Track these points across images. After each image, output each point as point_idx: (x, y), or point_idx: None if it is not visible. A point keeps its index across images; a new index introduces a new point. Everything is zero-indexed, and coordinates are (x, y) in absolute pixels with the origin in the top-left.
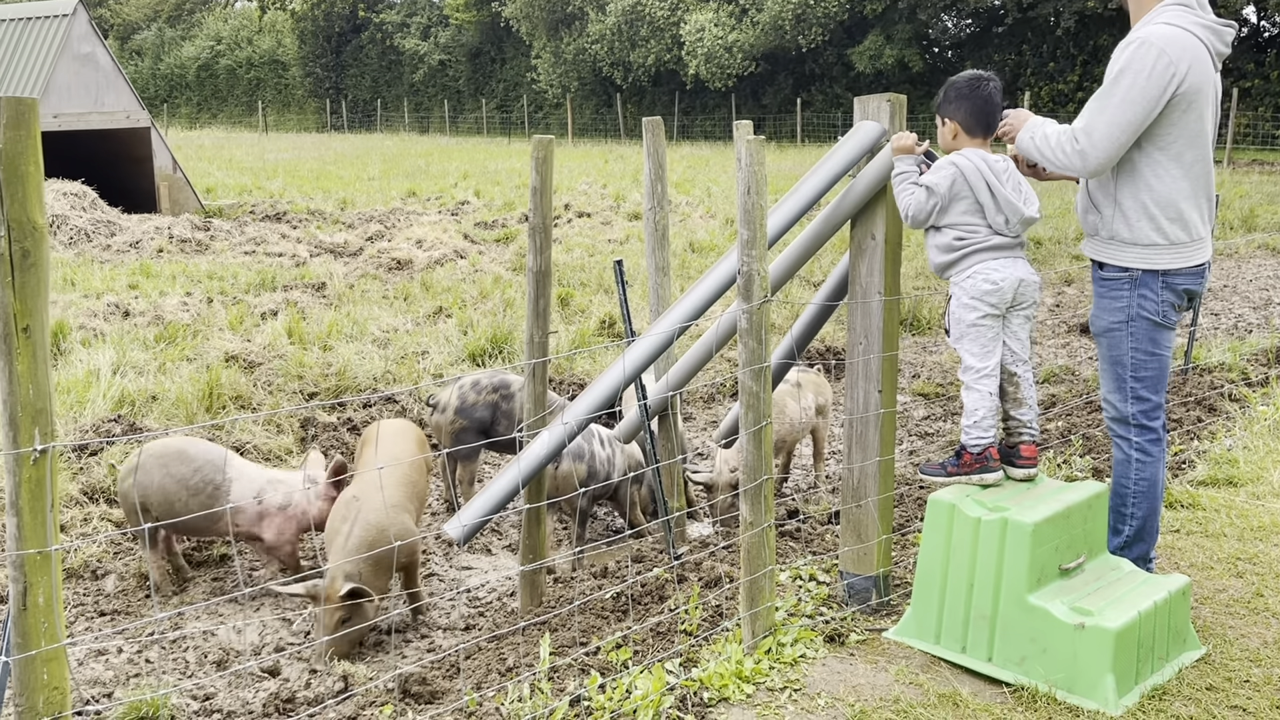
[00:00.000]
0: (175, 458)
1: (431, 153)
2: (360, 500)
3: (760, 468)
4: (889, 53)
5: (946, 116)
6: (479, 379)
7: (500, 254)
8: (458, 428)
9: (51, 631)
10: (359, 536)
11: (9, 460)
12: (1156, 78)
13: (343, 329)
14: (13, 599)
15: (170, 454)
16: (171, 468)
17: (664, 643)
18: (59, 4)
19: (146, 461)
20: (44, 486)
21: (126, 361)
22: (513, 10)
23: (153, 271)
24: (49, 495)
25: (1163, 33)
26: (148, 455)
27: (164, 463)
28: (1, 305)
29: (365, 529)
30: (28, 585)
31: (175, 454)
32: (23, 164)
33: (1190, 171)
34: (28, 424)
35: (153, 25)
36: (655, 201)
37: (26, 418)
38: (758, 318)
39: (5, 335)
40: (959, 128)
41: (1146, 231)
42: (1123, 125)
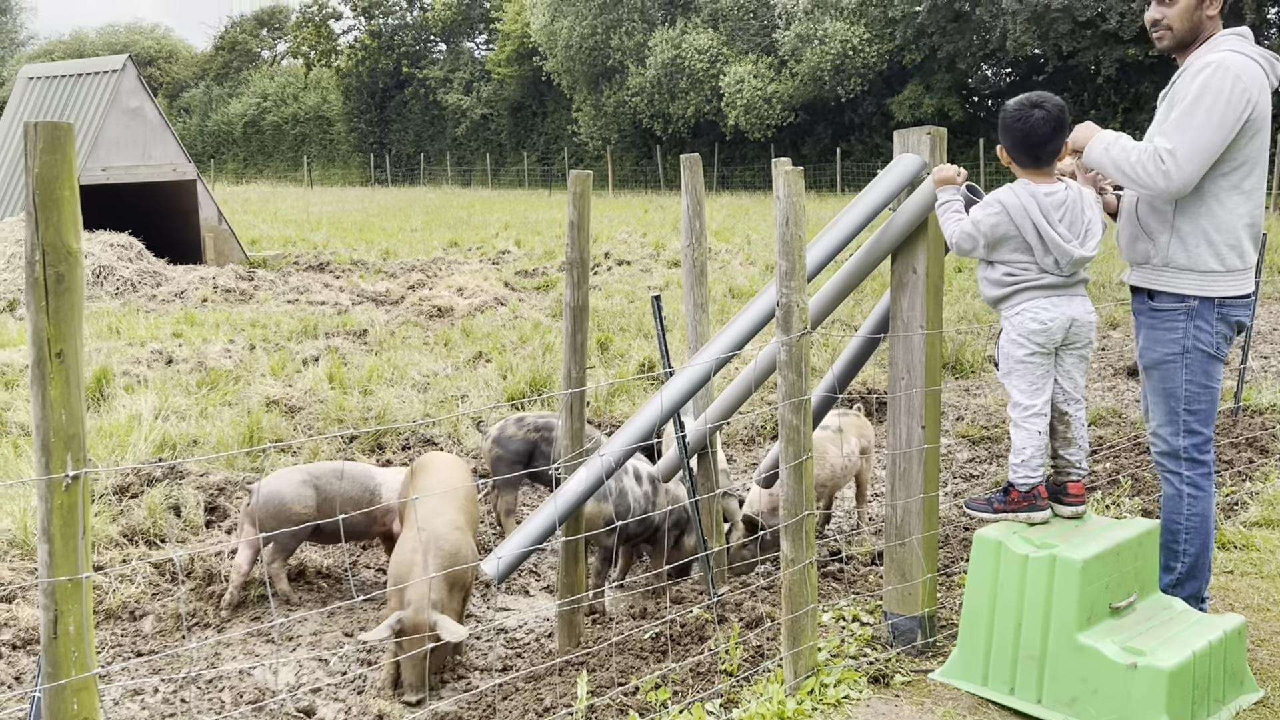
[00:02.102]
0: (331, 475)
1: (473, 204)
2: (425, 530)
3: (801, 503)
4: (928, 102)
5: (1000, 144)
6: (526, 416)
7: (540, 301)
8: (493, 456)
9: (82, 660)
10: (436, 564)
11: (41, 486)
12: (1235, 102)
13: (383, 374)
14: (44, 627)
15: (325, 473)
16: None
17: (704, 683)
18: (110, 61)
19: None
20: (76, 513)
21: (168, 406)
22: (554, 64)
23: (197, 320)
24: (81, 522)
25: (1233, 58)
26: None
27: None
28: (35, 330)
29: (440, 555)
30: (58, 613)
31: (331, 472)
32: (58, 188)
33: (1250, 198)
34: (60, 450)
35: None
36: (693, 238)
37: (59, 443)
38: (797, 350)
39: (39, 360)
40: (1010, 158)
41: (1204, 258)
42: (1204, 148)
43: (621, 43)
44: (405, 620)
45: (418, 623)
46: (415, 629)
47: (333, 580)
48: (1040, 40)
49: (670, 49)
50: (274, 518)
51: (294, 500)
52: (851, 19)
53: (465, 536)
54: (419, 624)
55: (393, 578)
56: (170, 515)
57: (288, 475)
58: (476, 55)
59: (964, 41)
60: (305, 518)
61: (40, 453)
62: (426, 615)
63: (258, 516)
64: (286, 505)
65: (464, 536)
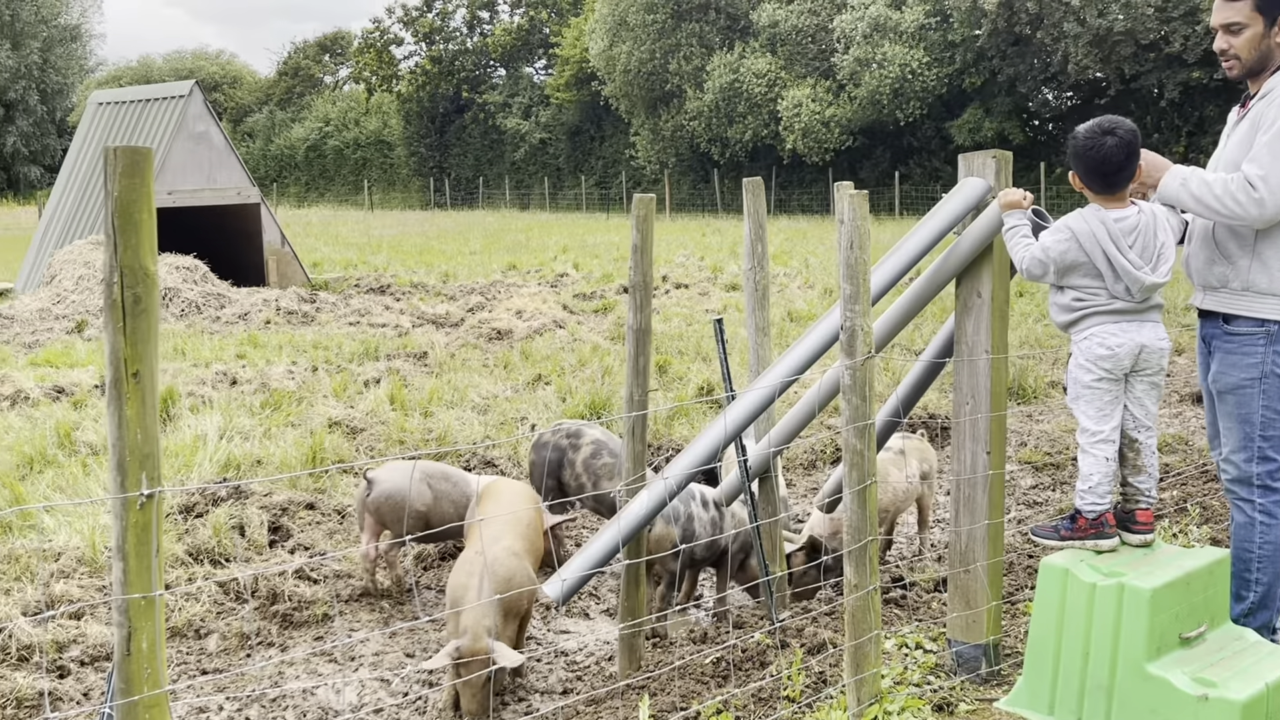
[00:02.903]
0: (440, 476)
1: (532, 228)
2: (484, 554)
3: (865, 528)
4: (988, 125)
5: (1071, 170)
6: (564, 423)
7: (598, 324)
8: (531, 460)
9: (154, 677)
10: (491, 588)
11: (116, 505)
12: None
13: (443, 396)
14: (117, 644)
15: (435, 473)
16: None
17: (765, 709)
18: (177, 86)
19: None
20: (150, 531)
21: (233, 427)
22: (612, 89)
23: (260, 342)
24: (154, 540)
25: None
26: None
27: (436, 481)
28: (113, 350)
29: (496, 581)
30: (132, 630)
31: (440, 473)
32: (136, 211)
33: None
34: (135, 469)
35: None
36: (755, 261)
37: (134, 462)
38: (861, 374)
39: (116, 380)
40: (1081, 184)
41: None
42: None
43: (680, 67)
44: (463, 648)
45: (475, 650)
46: (472, 656)
47: (394, 600)
48: (1102, 63)
49: (728, 73)
50: (393, 510)
51: (415, 497)
52: (911, 42)
53: (521, 563)
54: (476, 651)
55: (449, 600)
56: (235, 535)
57: (405, 470)
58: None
59: (1024, 65)
60: (420, 513)
61: (115, 471)
62: (483, 642)
63: (379, 508)
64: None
65: (520, 563)
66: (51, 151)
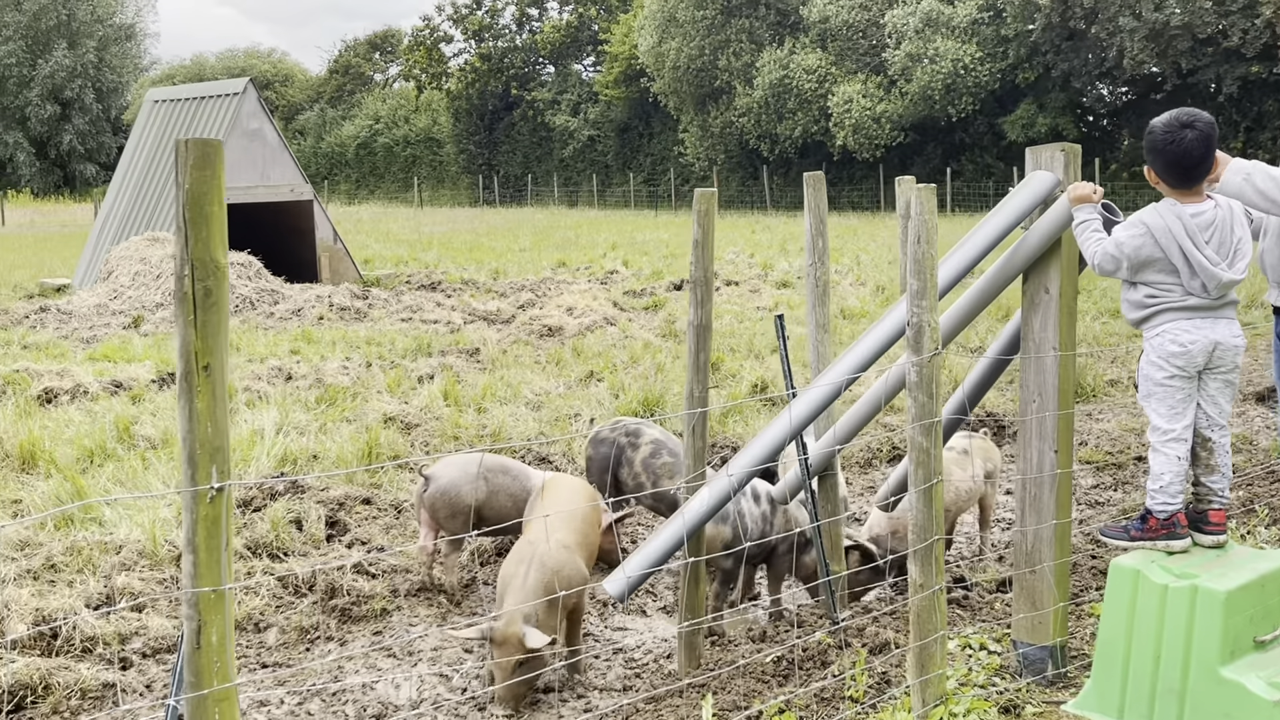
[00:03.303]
0: (498, 470)
1: (581, 225)
2: (535, 544)
3: (930, 528)
4: (1042, 121)
5: (1147, 164)
6: (622, 420)
7: (649, 321)
8: (587, 456)
9: (224, 671)
10: (536, 578)
11: (186, 498)
12: None
13: (496, 392)
14: (186, 637)
15: (493, 467)
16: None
17: (828, 709)
18: (231, 84)
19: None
20: (220, 524)
21: (289, 422)
22: (661, 86)
23: (314, 337)
24: (224, 533)
25: None
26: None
27: (495, 475)
28: (184, 343)
29: (542, 570)
30: (202, 623)
31: (498, 467)
32: (207, 204)
33: None
34: (205, 462)
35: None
36: (816, 257)
37: (205, 455)
38: (928, 371)
39: (186, 373)
40: (1157, 178)
41: None
42: None
43: (729, 63)
44: (495, 630)
45: (507, 634)
46: (504, 640)
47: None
48: (1158, 58)
49: (778, 69)
50: (448, 506)
51: (469, 493)
52: (963, 37)
53: (572, 557)
54: (508, 635)
55: (498, 590)
56: (292, 529)
57: (463, 466)
58: (584, 77)
59: (1079, 59)
60: (475, 508)
61: (187, 465)
62: (516, 626)
63: (434, 504)
64: (462, 496)
65: (570, 556)
66: (107, 149)
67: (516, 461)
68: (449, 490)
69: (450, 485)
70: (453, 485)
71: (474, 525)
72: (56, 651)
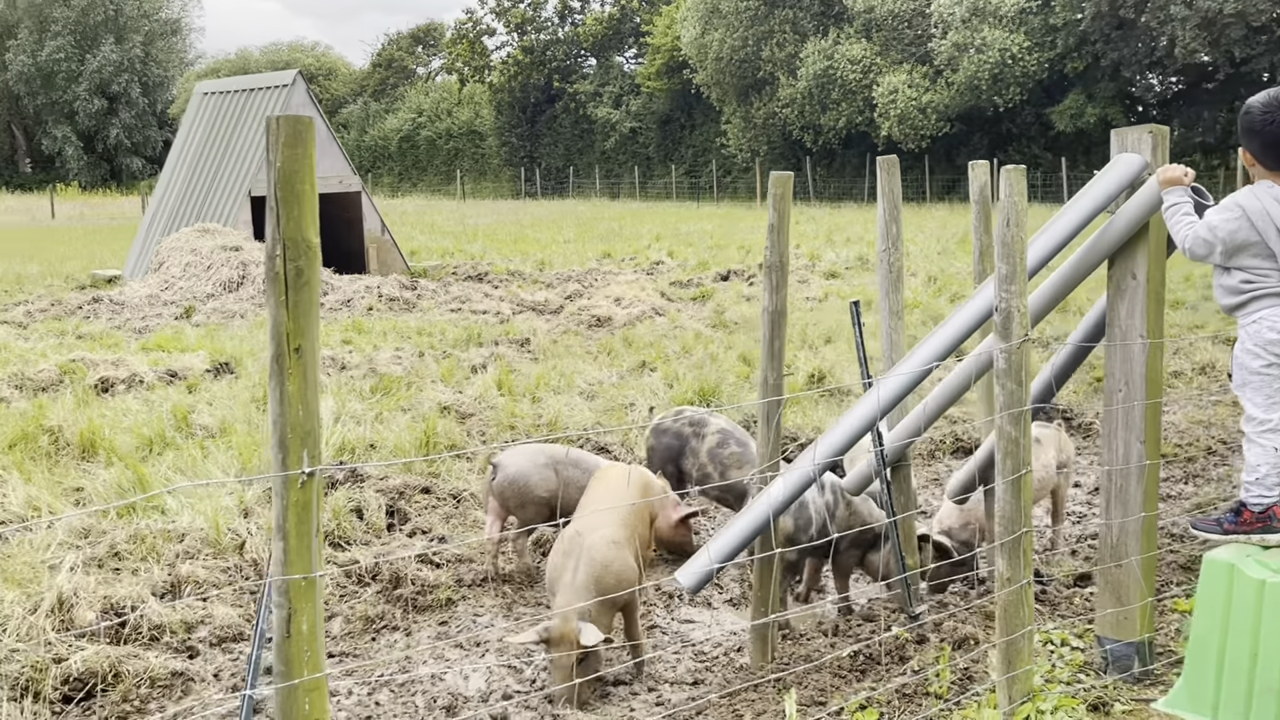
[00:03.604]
0: (568, 461)
1: (623, 217)
2: (582, 536)
3: (1018, 519)
4: (1091, 111)
5: (1242, 145)
6: (685, 410)
7: (698, 311)
8: (648, 445)
9: (314, 660)
10: (585, 572)
11: (277, 483)
12: None
13: (550, 381)
14: (277, 626)
15: (562, 458)
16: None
17: (911, 705)
18: (280, 76)
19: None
20: (310, 510)
21: (345, 411)
22: (704, 77)
23: (365, 328)
24: (315, 519)
25: None
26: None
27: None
28: (275, 324)
29: (591, 564)
30: (292, 611)
31: (568, 458)
32: (299, 182)
33: None
34: (297, 446)
35: (358, 99)
36: (890, 243)
37: (296, 439)
38: (1017, 358)
39: (278, 355)
40: (1253, 159)
41: None
42: None
43: (773, 54)
44: (552, 629)
45: (564, 632)
46: (561, 638)
47: (515, 585)
48: (1210, 46)
49: (822, 60)
50: (518, 495)
51: (539, 483)
52: (1011, 27)
53: (620, 552)
54: (565, 633)
55: (547, 578)
56: (353, 518)
57: (531, 456)
58: (626, 69)
59: (1129, 48)
60: (544, 499)
61: (277, 449)
62: (572, 624)
63: (503, 493)
64: (531, 486)
65: (619, 552)
66: (152, 143)
67: (584, 452)
68: (518, 479)
69: (519, 474)
70: (521, 474)
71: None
72: (125, 639)
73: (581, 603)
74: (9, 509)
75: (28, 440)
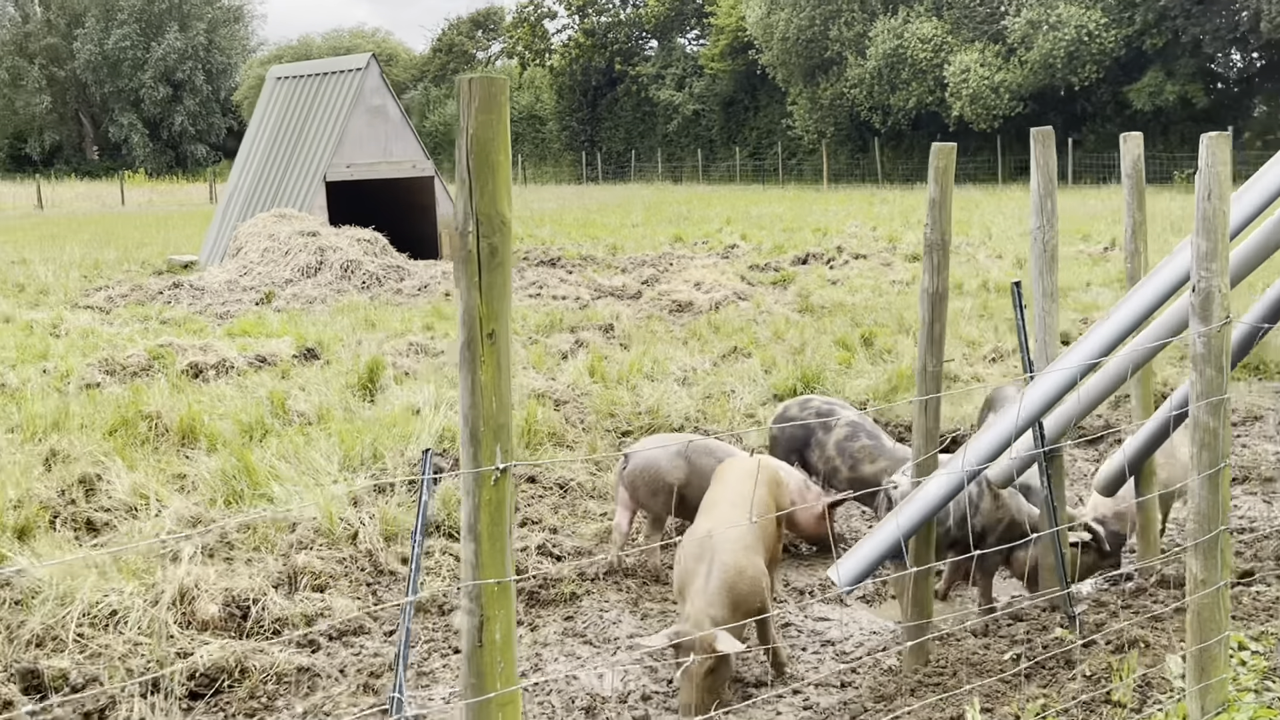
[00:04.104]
0: (702, 451)
1: (690, 200)
2: (714, 538)
3: (1216, 516)
4: (1170, 89)
5: None
6: (812, 399)
7: (781, 295)
8: (771, 435)
9: (509, 672)
10: (718, 578)
11: (468, 480)
12: None
13: (642, 368)
14: (466, 634)
15: (697, 447)
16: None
17: (1089, 714)
18: (353, 60)
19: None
20: (504, 509)
21: (441, 398)
22: (769, 58)
23: (444, 313)
24: (508, 519)
25: None
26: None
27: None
28: (467, 308)
29: (724, 570)
30: (484, 619)
31: (702, 448)
32: (493, 151)
33: None
34: (489, 440)
35: (419, 85)
36: (1044, 220)
37: (489, 433)
38: (1217, 342)
39: (469, 341)
40: None
41: None
42: None
43: (840, 34)
44: (685, 635)
45: (697, 639)
46: (694, 645)
47: (639, 580)
48: None
49: (892, 39)
50: (648, 484)
51: (669, 470)
52: (1088, 3)
53: (753, 558)
54: (699, 641)
55: (675, 579)
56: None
57: (662, 444)
58: (688, 51)
59: (1210, 24)
60: (675, 487)
61: (468, 444)
62: (707, 633)
63: (634, 482)
64: (661, 474)
65: (751, 557)
66: (216, 130)
67: (722, 442)
68: (649, 467)
69: (650, 462)
70: (652, 462)
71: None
72: (247, 633)
73: (715, 608)
74: (115, 496)
75: (127, 426)
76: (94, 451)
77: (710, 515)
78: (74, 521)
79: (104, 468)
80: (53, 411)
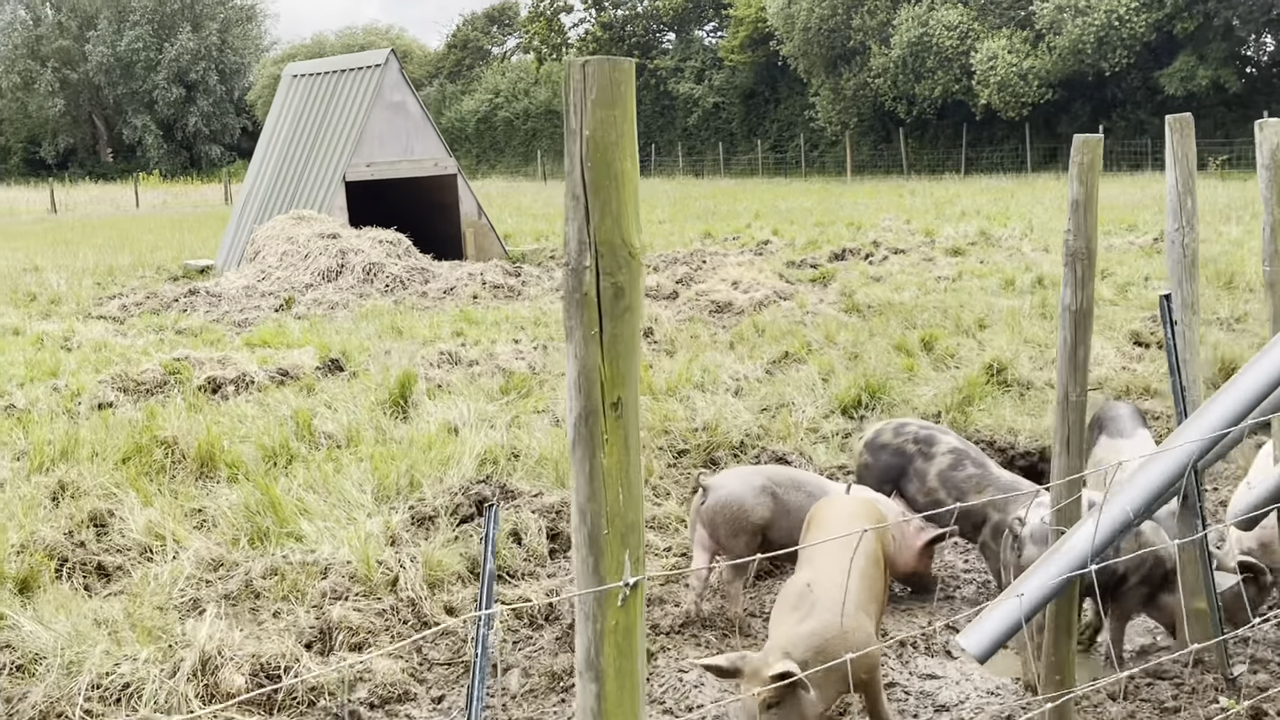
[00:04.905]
0: (789, 484)
1: (715, 194)
2: (815, 591)
3: None
4: (1202, 74)
5: None
6: (909, 423)
7: (823, 294)
8: (861, 463)
9: None
10: (811, 628)
11: (587, 601)
12: None
13: (691, 377)
14: None
15: (784, 480)
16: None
17: None
18: (372, 56)
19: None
20: (635, 636)
21: (476, 415)
22: (790, 48)
23: (474, 318)
24: (638, 646)
25: None
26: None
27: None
28: (583, 370)
29: (821, 623)
30: None
31: (789, 481)
32: (617, 157)
33: None
34: (615, 546)
35: (434, 82)
36: (1184, 220)
37: (614, 537)
38: None
39: (588, 414)
40: None
41: None
42: None
43: (864, 22)
44: (748, 660)
45: (760, 669)
46: (754, 674)
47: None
48: None
49: (916, 27)
50: (730, 523)
51: (754, 508)
52: None
53: (862, 620)
54: (760, 671)
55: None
56: (512, 544)
57: (747, 478)
58: (706, 43)
59: (1244, 7)
60: (760, 527)
61: (586, 550)
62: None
63: (713, 520)
64: (746, 512)
65: (859, 619)
66: (230, 130)
67: (809, 474)
68: (731, 503)
69: (733, 498)
70: (735, 497)
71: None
72: (279, 707)
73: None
74: (128, 535)
75: (141, 453)
76: (105, 483)
77: (811, 567)
78: (83, 567)
79: (116, 502)
80: (62, 438)
